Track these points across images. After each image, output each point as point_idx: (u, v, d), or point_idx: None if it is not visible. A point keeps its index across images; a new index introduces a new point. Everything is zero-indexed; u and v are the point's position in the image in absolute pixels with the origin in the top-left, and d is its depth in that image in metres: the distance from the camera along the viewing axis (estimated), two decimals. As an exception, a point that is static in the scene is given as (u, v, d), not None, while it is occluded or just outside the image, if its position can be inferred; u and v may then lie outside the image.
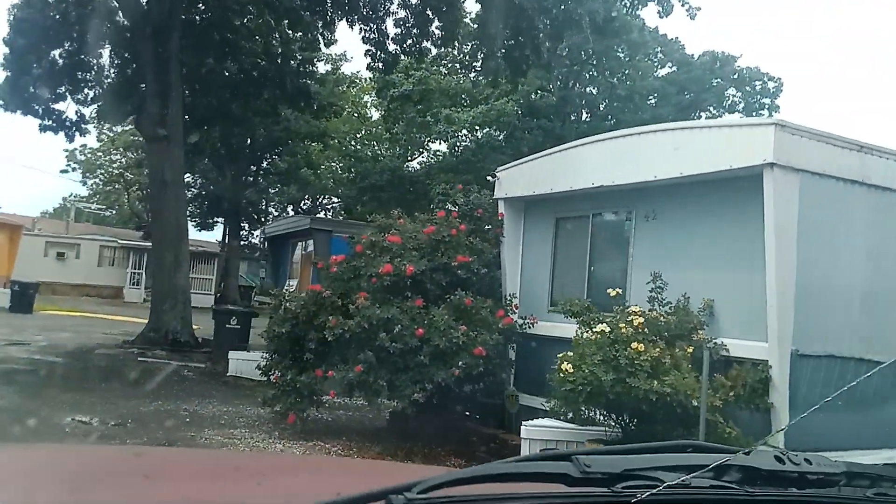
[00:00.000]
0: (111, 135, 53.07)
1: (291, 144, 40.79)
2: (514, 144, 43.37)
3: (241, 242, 44.76)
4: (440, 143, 49.79)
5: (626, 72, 48.82)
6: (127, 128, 53.60)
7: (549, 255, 10.07)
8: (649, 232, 8.72)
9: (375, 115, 53.78)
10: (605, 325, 7.26)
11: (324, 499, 1.16)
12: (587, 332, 7.62)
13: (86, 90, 21.90)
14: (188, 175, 42.88)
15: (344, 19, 19.45)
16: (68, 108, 21.52)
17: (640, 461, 1.29)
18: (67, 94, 21.25)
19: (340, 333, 9.05)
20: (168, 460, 2.26)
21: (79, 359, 15.78)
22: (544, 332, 9.52)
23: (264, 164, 44.18)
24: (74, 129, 21.71)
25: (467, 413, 10.55)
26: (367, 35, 19.90)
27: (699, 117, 49.39)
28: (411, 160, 51.50)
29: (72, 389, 12.11)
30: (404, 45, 20.77)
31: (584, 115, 48.53)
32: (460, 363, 8.80)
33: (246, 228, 46.47)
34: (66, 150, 54.61)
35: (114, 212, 64.45)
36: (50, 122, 21.16)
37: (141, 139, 49.32)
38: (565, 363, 7.18)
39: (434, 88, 42.06)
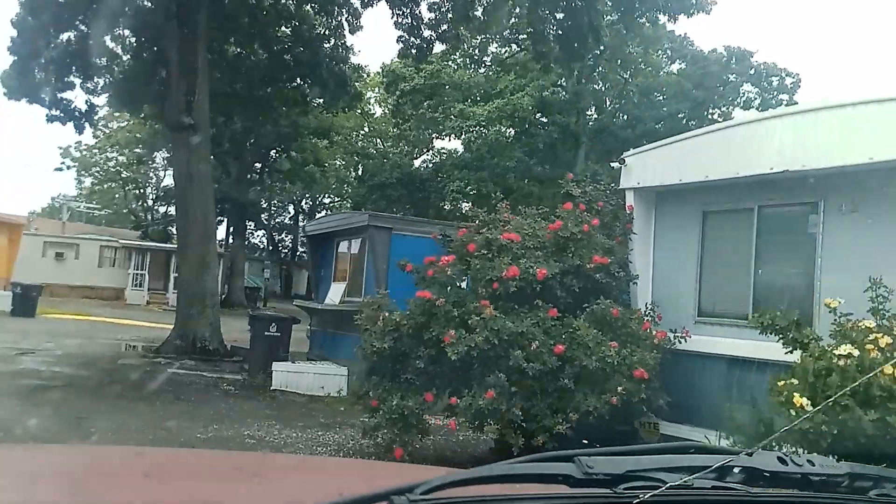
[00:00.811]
0: (107, 131, 51.15)
1: (298, 141, 38.93)
2: (529, 140, 41.90)
3: (246, 242, 42.85)
4: (449, 140, 48.21)
5: (640, 67, 47.41)
6: (123, 124, 51.95)
7: (694, 256, 8.39)
8: (847, 227, 7.09)
9: (377, 110, 51.99)
10: (848, 345, 5.63)
11: (326, 499, 1.17)
12: (806, 354, 5.98)
13: (97, 78, 20.12)
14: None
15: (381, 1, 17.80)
16: (77, 97, 19.78)
17: (642, 462, 1.26)
18: (77, 81, 19.50)
19: (465, 350, 7.36)
20: (168, 460, 2.20)
21: (105, 371, 14.14)
22: (699, 347, 7.87)
23: (268, 162, 42.28)
24: (84, 119, 19.96)
25: (585, 441, 8.94)
26: (400, 20, 18.23)
27: (713, 114, 48.00)
28: (416, 158, 49.95)
29: (110, 410, 10.57)
30: (440, 31, 19.09)
31: (597, 111, 47.14)
32: (618, 388, 7.14)
33: (251, 228, 44.53)
34: (61, 147, 52.68)
35: (109, 211, 62.17)
36: (57, 112, 19.41)
37: (140, 136, 47.49)
38: (797, 396, 5.54)
39: (446, 82, 40.42)
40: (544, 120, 43.01)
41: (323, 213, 60.46)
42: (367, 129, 50.52)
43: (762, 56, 51.50)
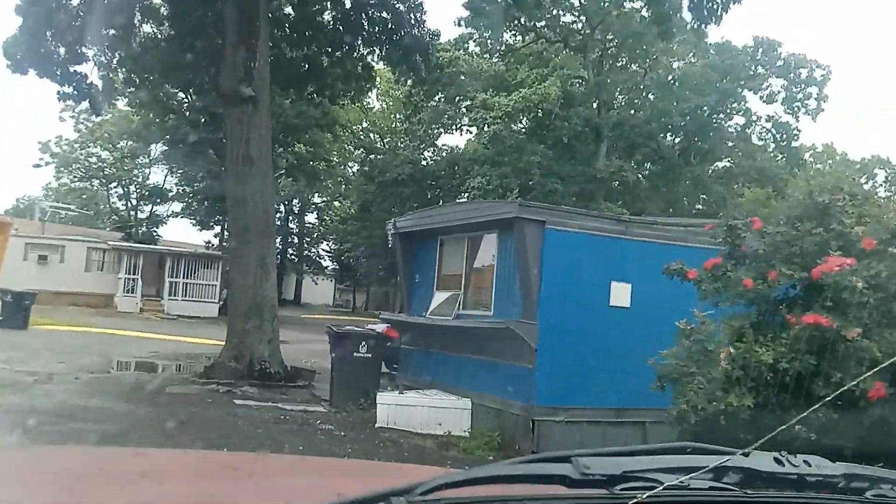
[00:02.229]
0: (90, 125, 47.73)
1: (304, 133, 35.87)
2: (552, 133, 39.35)
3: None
4: (461, 133, 45.60)
5: (661, 58, 45.28)
6: (108, 117, 48.47)
7: None
8: None
9: (375, 104, 48.75)
10: None
11: (325, 500, 1.19)
12: None
13: (116, 52, 17.16)
14: (184, 167, 37.87)
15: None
16: (93, 71, 16.87)
17: (639, 463, 1.27)
18: (90, 52, 16.54)
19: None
20: (168, 460, 2.19)
21: (160, 405, 11.27)
22: None
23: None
24: (100, 97, 17.01)
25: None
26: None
27: (735, 106, 45.87)
28: (421, 153, 47.06)
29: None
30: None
31: (616, 104, 44.85)
32: None
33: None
34: (40, 143, 49.12)
35: (85, 211, 58.27)
36: (69, 89, 16.47)
37: (128, 128, 44.06)
38: None
39: (464, 71, 37.63)
40: (567, 112, 40.40)
41: (314, 213, 57.25)
42: (365, 124, 47.46)
43: (790, 47, 49.03)
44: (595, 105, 42.34)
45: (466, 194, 39.70)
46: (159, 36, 16.69)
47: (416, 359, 12.20)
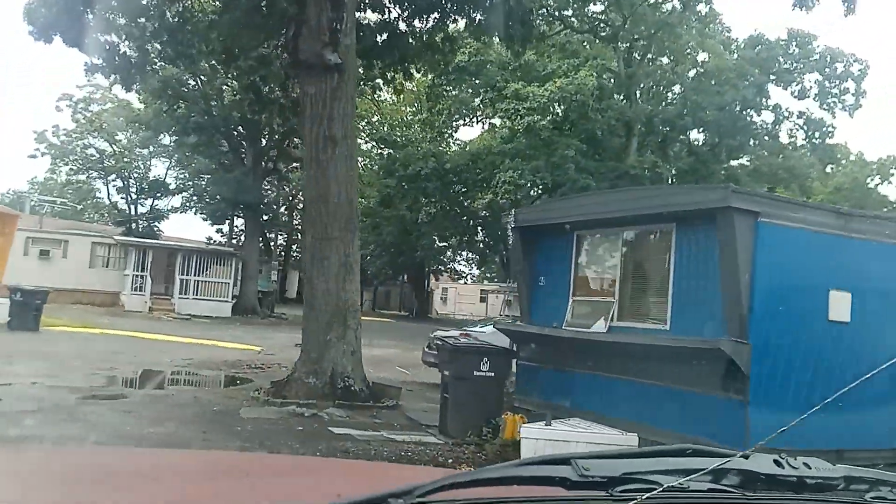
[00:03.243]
0: (88, 114, 45.42)
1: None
2: (586, 127, 37.38)
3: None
4: (482, 125, 43.56)
5: (692, 50, 43.49)
6: (107, 106, 46.12)
7: None
8: None
9: (385, 96, 46.57)
10: None
11: (323, 500, 1.23)
12: None
13: (153, 22, 15.06)
14: (189, 161, 35.62)
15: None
16: (124, 39, 14.79)
17: (638, 465, 1.27)
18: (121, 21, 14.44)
19: None
20: (167, 460, 2.19)
21: (238, 433, 9.11)
22: None
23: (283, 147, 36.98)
24: (135, 71, 14.93)
25: None
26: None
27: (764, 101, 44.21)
28: (443, 146, 45.01)
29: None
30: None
31: (646, 97, 42.99)
32: None
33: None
34: (36, 133, 46.76)
35: (76, 204, 55.66)
36: (99, 61, 14.37)
37: (127, 117, 41.65)
38: None
39: (494, 60, 35.55)
40: (600, 105, 38.45)
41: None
42: (376, 118, 45.26)
43: (826, 40, 47.39)
44: (624, 98, 40.49)
45: (491, 190, 37.73)
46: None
47: (542, 378, 10.05)
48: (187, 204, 51.17)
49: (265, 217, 36.18)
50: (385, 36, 14.55)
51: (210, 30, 14.97)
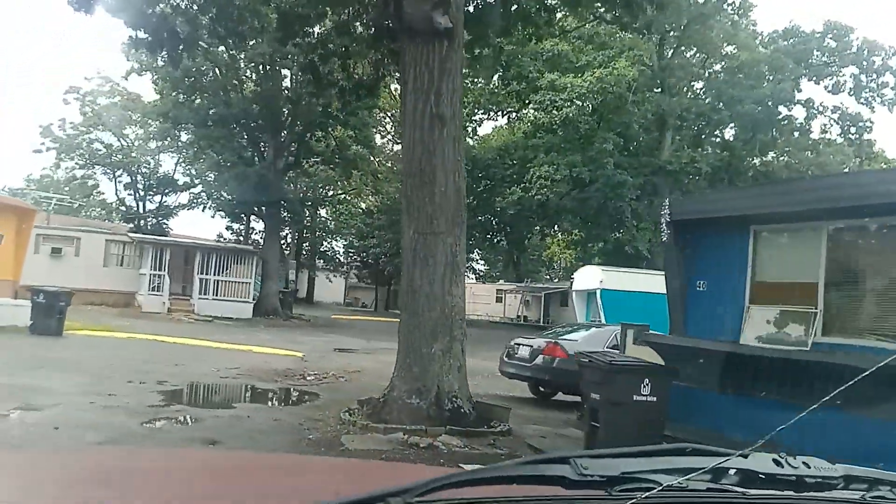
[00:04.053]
0: (96, 107, 43.68)
1: (353, 115, 31.99)
2: (622, 120, 35.84)
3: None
4: (507, 120, 41.98)
5: (725, 42, 42.07)
6: (115, 100, 44.32)
7: None
8: None
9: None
10: None
11: (323, 499, 1.18)
12: None
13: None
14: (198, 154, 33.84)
15: None
16: (172, 13, 13.15)
17: (637, 464, 1.26)
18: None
19: None
20: (167, 460, 2.19)
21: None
22: None
23: (303, 140, 35.27)
24: (181, 46, 13.32)
25: None
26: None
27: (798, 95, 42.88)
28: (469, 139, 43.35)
29: None
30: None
31: (679, 91, 41.54)
32: None
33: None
34: (42, 126, 44.99)
35: (74, 202, 53.70)
36: (144, 34, 12.77)
37: (138, 112, 39.89)
38: None
39: (528, 50, 33.93)
40: (636, 97, 36.94)
41: (324, 210, 52.92)
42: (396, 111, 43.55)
43: (863, 32, 46.15)
44: (660, 90, 38.96)
45: (521, 185, 36.10)
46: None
47: (705, 403, 8.34)
48: (195, 201, 49.52)
49: (287, 214, 34.45)
50: (480, 3, 12.88)
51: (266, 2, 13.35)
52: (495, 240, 48.91)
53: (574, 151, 33.72)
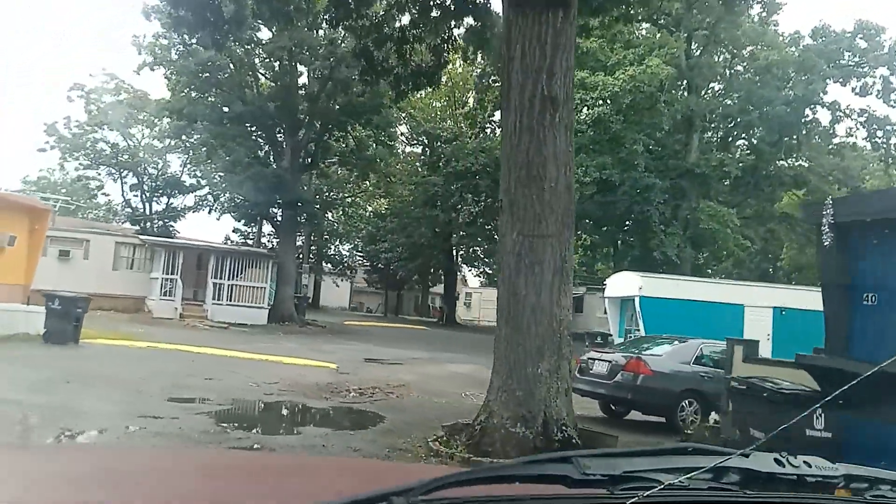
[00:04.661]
0: (101, 105, 42.36)
1: (375, 113, 30.76)
2: (651, 121, 34.65)
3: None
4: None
5: (752, 42, 40.98)
6: (121, 97, 42.94)
7: None
8: None
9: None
10: None
11: (324, 499, 1.18)
12: None
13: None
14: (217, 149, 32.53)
15: None
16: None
17: (639, 463, 1.27)
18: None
19: None
20: (167, 460, 2.17)
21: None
22: None
23: (322, 140, 33.97)
24: (227, 27, 12.07)
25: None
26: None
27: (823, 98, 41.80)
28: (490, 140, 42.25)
29: None
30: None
31: (704, 92, 40.45)
32: None
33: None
34: (46, 124, 43.61)
35: (73, 204, 52.34)
36: (186, 14, 11.60)
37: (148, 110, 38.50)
38: None
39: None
40: (667, 97, 35.71)
41: (335, 212, 51.45)
42: (412, 110, 42.22)
43: (894, 33, 44.90)
44: (686, 90, 37.81)
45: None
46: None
47: (881, 439, 6.95)
48: (202, 203, 48.16)
49: (304, 217, 33.08)
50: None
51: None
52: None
53: (603, 153, 32.47)
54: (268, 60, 30.82)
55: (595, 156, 32.32)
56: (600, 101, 30.28)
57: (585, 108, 30.83)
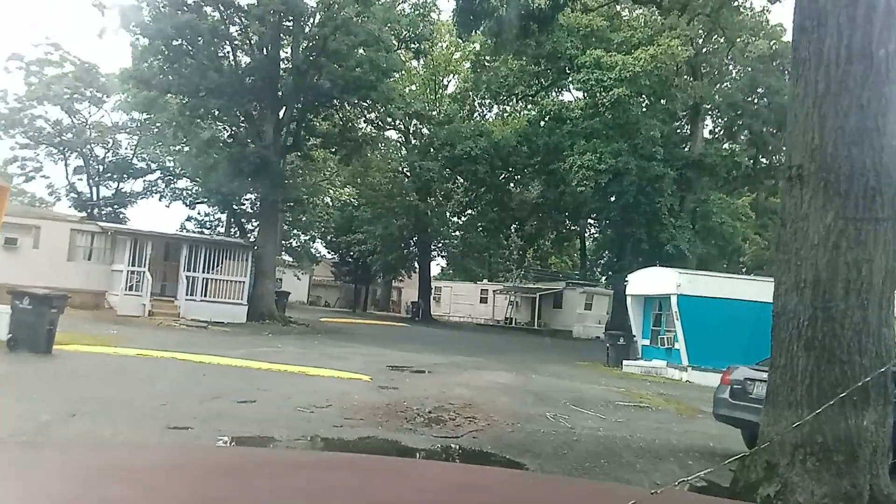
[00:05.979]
0: (43, 77, 38.14)
1: (371, 90, 27.72)
2: (664, 106, 32.31)
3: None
4: (525, 107, 38.24)
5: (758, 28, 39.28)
6: (66, 69, 38.78)
7: None
8: None
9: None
10: None
11: (322, 498, 1.18)
12: None
13: None
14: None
15: None
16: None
17: None
18: None
19: None
20: (167, 459, 2.11)
21: None
22: None
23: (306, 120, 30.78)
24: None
25: None
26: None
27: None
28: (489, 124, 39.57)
29: None
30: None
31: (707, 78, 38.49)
32: None
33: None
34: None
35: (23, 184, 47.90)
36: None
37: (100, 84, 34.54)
38: None
39: (564, 25, 30.06)
40: (681, 82, 33.47)
41: (329, 202, 48.07)
42: (408, 90, 39.09)
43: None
44: (692, 77, 35.62)
45: (556, 175, 32.25)
46: None
47: None
48: (153, 188, 44.08)
49: (290, 203, 29.65)
50: None
51: None
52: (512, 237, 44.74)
53: (616, 139, 29.97)
54: (250, 27, 27.29)
55: (609, 142, 29.80)
56: (618, 82, 27.74)
57: (603, 89, 28.24)
